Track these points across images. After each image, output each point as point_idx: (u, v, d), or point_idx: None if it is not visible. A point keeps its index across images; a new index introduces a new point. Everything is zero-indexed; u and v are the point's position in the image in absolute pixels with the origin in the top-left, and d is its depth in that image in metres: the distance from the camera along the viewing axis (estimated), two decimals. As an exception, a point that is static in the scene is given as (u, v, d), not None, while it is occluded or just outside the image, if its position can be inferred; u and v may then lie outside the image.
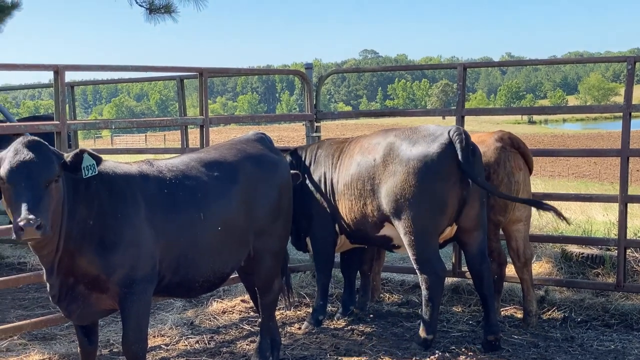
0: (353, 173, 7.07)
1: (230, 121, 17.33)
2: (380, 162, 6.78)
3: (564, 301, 7.99)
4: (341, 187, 7.21)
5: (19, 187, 4.60)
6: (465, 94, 8.47)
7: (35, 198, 4.58)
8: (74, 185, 5.01)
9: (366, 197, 6.93)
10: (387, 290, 8.79)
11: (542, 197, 9.05)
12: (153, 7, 15.25)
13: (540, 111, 21.07)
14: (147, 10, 15.25)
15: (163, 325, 7.69)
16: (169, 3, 15.21)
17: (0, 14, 16.15)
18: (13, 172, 4.63)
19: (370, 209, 6.92)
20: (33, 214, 4.49)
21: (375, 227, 7.00)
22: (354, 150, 7.22)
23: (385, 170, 6.72)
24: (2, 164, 4.70)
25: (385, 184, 6.72)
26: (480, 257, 6.81)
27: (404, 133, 6.80)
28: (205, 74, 8.18)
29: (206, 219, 5.62)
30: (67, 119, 7.28)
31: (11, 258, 11.24)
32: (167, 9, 15.24)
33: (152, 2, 15.25)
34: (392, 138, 6.83)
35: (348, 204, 7.14)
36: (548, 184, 24.23)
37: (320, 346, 7.04)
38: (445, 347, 6.81)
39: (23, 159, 4.66)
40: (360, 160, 7.04)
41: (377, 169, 6.81)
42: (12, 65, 7.07)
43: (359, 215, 7.06)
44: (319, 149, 7.70)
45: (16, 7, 16.28)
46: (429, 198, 6.50)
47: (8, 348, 7.13)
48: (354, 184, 7.04)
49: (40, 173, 4.66)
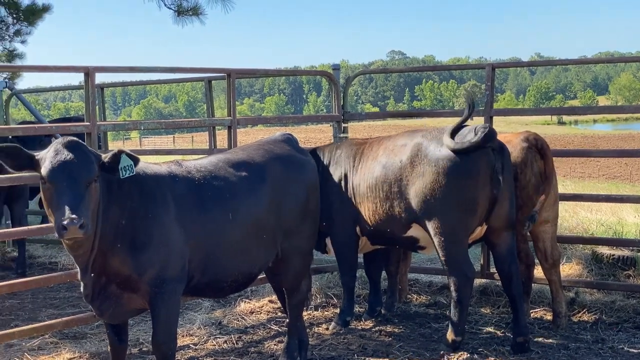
0: (378, 175, 7.04)
1: (257, 122, 17.44)
2: (408, 163, 6.76)
3: (595, 303, 7.91)
4: (364, 190, 7.19)
5: (61, 187, 4.64)
6: (493, 94, 8.43)
7: (77, 198, 4.63)
8: (107, 186, 5.06)
9: (393, 199, 6.91)
10: (414, 291, 8.77)
11: (572, 197, 9.03)
12: (181, 9, 15.41)
13: (570, 111, 20.91)
14: (175, 12, 15.42)
15: (192, 325, 7.74)
16: (197, 5, 15.38)
17: (32, 16, 16.39)
18: (54, 172, 4.67)
19: (397, 211, 6.90)
20: (75, 213, 4.53)
21: (402, 228, 6.98)
22: (378, 152, 7.19)
23: (414, 171, 6.70)
24: (43, 163, 4.74)
25: (413, 185, 6.69)
26: (510, 258, 6.78)
27: (431, 133, 6.78)
28: (233, 75, 8.22)
29: (234, 219, 5.64)
30: (97, 120, 7.36)
31: (42, 258, 11.37)
32: (194, 11, 15.39)
33: (180, 4, 15.42)
34: (419, 139, 6.80)
35: (372, 206, 7.12)
36: (578, 185, 24.09)
37: (347, 347, 7.04)
38: (473, 349, 6.79)
39: (64, 158, 4.71)
40: (385, 162, 7.01)
41: (405, 171, 6.78)
42: (43, 67, 7.16)
43: (385, 217, 7.03)
44: (337, 150, 7.68)
45: (47, 11, 16.51)
46: (460, 198, 6.47)
47: (40, 346, 7.22)
48: (379, 186, 7.01)
49: (81, 173, 4.72)
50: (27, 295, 9.31)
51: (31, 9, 16.29)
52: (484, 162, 6.43)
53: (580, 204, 13.42)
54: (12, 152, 4.86)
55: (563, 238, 8.94)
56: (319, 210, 6.62)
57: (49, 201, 4.74)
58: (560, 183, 20.64)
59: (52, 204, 4.70)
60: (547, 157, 7.25)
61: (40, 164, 4.78)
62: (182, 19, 15.44)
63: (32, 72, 16.62)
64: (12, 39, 16.65)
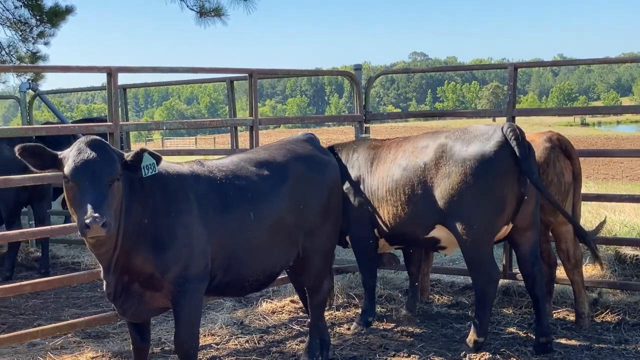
0: (398, 178, 6.99)
1: (279, 122, 17.51)
2: (432, 165, 6.71)
3: (618, 304, 7.85)
4: (383, 194, 7.15)
5: (84, 185, 4.67)
6: (516, 94, 8.39)
7: (99, 196, 4.65)
8: (129, 184, 5.08)
9: (416, 201, 6.85)
10: (436, 292, 8.74)
11: (595, 198, 8.95)
12: (203, 11, 15.44)
13: (592, 111, 20.76)
14: (197, 13, 15.46)
15: (213, 325, 7.75)
16: (219, 6, 15.40)
17: (55, 18, 16.48)
18: (77, 171, 4.70)
19: (421, 213, 6.85)
20: (98, 211, 4.55)
21: (424, 230, 6.93)
22: (396, 154, 7.14)
23: (439, 173, 6.65)
24: (66, 162, 4.77)
25: (439, 187, 6.65)
26: (533, 258, 6.74)
27: (455, 134, 6.73)
28: (255, 75, 8.23)
29: (256, 218, 5.65)
30: (120, 121, 7.39)
31: (65, 258, 11.46)
32: (217, 12, 15.42)
33: (202, 6, 15.45)
34: (442, 139, 6.76)
35: (392, 209, 7.07)
36: (601, 186, 23.89)
37: (369, 347, 7.03)
38: (495, 349, 6.75)
39: (87, 157, 4.73)
40: (406, 164, 6.96)
41: (429, 172, 6.73)
42: (65, 67, 7.20)
43: (407, 219, 6.99)
44: (354, 153, 7.63)
45: (70, 12, 16.59)
46: (488, 198, 6.44)
47: (62, 345, 7.27)
48: (400, 189, 6.97)
49: (104, 171, 4.74)
50: (50, 295, 9.38)
51: (54, 11, 16.35)
52: (511, 161, 6.39)
53: (604, 206, 13.32)
54: (35, 151, 4.89)
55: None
56: (340, 209, 6.62)
57: (72, 200, 4.77)
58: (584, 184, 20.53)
59: (75, 202, 4.72)
60: (573, 157, 7.23)
61: (63, 162, 4.80)
62: (204, 20, 15.48)
63: (55, 72, 16.73)
64: (36, 41, 16.73)
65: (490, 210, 6.47)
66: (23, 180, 6.92)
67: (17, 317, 8.45)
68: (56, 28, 16.71)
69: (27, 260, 11.38)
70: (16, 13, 16.44)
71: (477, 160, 6.44)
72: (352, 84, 9.37)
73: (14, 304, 8.96)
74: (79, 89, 14.88)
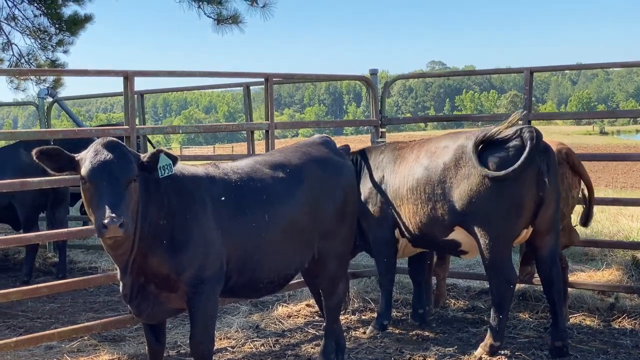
0: (419, 177, 7.01)
1: (295, 127, 17.54)
2: (452, 165, 6.72)
3: (635, 308, 7.80)
4: (404, 192, 7.16)
5: (101, 186, 4.70)
6: (531, 98, 8.39)
7: (117, 197, 4.68)
8: (145, 185, 5.11)
9: (436, 201, 6.86)
10: (452, 296, 8.72)
11: (611, 202, 8.93)
12: (221, 18, 15.53)
13: (609, 115, 20.79)
14: (215, 21, 15.55)
15: (229, 328, 7.77)
16: (237, 14, 15.49)
17: (74, 26, 16.62)
18: (94, 172, 4.73)
19: (440, 213, 6.85)
20: (116, 212, 4.58)
21: (444, 231, 6.93)
22: (419, 154, 7.16)
23: (458, 174, 6.66)
24: (83, 164, 4.81)
25: (458, 188, 6.65)
26: (551, 262, 6.72)
27: (475, 135, 6.75)
28: (271, 79, 8.26)
29: (271, 220, 5.66)
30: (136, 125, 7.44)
31: (83, 263, 11.50)
32: (234, 20, 15.51)
33: (220, 13, 15.54)
34: (463, 140, 6.77)
35: (413, 208, 7.08)
36: (620, 194, 23.76)
37: (385, 350, 7.03)
38: (511, 353, 6.74)
39: (104, 158, 4.77)
40: (427, 164, 6.97)
41: (449, 172, 6.74)
42: (83, 71, 7.26)
43: (426, 219, 6.99)
44: (381, 154, 7.67)
45: (89, 21, 16.73)
46: (505, 200, 6.43)
47: (79, 348, 7.31)
48: (421, 188, 6.97)
49: (121, 172, 4.77)
50: (67, 299, 9.44)
51: (73, 19, 16.49)
52: (530, 164, 6.38)
53: (622, 213, 13.27)
54: (53, 153, 4.93)
55: (603, 243, 8.88)
56: (356, 212, 6.63)
57: (89, 201, 4.80)
58: (602, 191, 20.42)
59: (92, 203, 4.75)
60: (582, 172, 7.30)
61: (80, 164, 4.84)
62: (222, 27, 15.57)
63: (72, 76, 16.80)
64: (55, 49, 16.87)
65: (508, 213, 6.46)
66: (40, 183, 6.97)
67: (35, 321, 8.50)
68: (75, 36, 16.85)
69: (45, 265, 11.45)
70: (35, 22, 16.62)
71: (496, 162, 6.44)
72: (368, 89, 9.39)
73: (31, 308, 9.03)
74: (97, 95, 14.95)
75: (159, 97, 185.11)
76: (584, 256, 10.17)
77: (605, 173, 43.53)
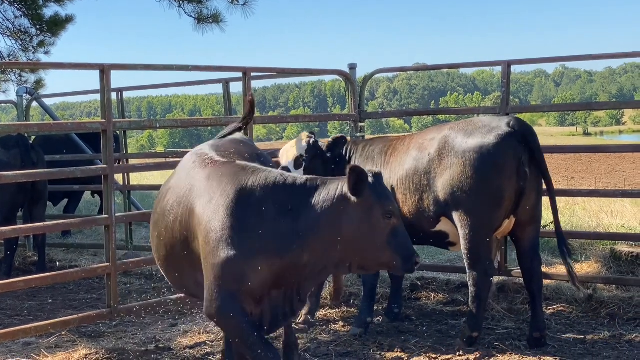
0: (408, 168, 7.00)
1: (274, 122, 17.70)
2: (436, 156, 6.75)
3: (612, 299, 7.81)
4: (394, 182, 7.13)
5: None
6: (509, 91, 8.41)
7: None
8: None
9: (422, 191, 6.87)
10: (432, 290, 8.70)
11: (588, 194, 8.98)
12: (201, 17, 15.55)
13: (586, 107, 21.03)
14: (195, 20, 15.54)
15: (208, 323, 7.73)
16: (217, 13, 15.51)
17: (55, 27, 16.57)
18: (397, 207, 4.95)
19: (426, 204, 6.86)
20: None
21: (431, 222, 6.93)
22: (409, 145, 7.15)
23: (441, 164, 6.69)
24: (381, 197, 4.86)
25: (441, 178, 6.68)
26: (532, 253, 6.78)
27: (459, 126, 6.78)
28: (249, 73, 8.26)
29: None
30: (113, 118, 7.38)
31: (63, 262, 11.39)
32: (215, 19, 15.52)
33: (200, 12, 15.56)
34: (446, 131, 6.80)
35: (402, 197, 7.04)
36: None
37: (363, 343, 7.02)
38: (489, 344, 6.76)
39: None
40: (416, 155, 6.98)
41: (433, 163, 6.76)
42: (59, 64, 7.25)
43: (414, 209, 6.96)
44: (371, 146, 7.65)
45: (70, 21, 16.69)
46: (486, 190, 6.46)
47: (57, 344, 7.26)
48: (410, 178, 6.97)
49: None
50: (46, 297, 9.39)
51: (54, 20, 16.44)
52: (510, 154, 6.42)
53: (603, 210, 13.29)
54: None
55: (583, 234, 8.94)
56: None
57: (389, 236, 4.86)
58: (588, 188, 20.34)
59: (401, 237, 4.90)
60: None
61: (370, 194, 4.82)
62: (203, 26, 15.58)
63: (49, 69, 16.77)
64: (36, 50, 16.81)
65: (488, 203, 6.49)
66: (16, 177, 6.93)
67: (13, 319, 8.43)
68: (56, 37, 16.80)
69: (25, 264, 11.33)
70: (16, 23, 16.57)
71: (476, 152, 6.48)
72: (347, 84, 9.37)
73: (10, 306, 8.97)
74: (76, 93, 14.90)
75: (144, 101, 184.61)
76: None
77: (589, 173, 43.55)
